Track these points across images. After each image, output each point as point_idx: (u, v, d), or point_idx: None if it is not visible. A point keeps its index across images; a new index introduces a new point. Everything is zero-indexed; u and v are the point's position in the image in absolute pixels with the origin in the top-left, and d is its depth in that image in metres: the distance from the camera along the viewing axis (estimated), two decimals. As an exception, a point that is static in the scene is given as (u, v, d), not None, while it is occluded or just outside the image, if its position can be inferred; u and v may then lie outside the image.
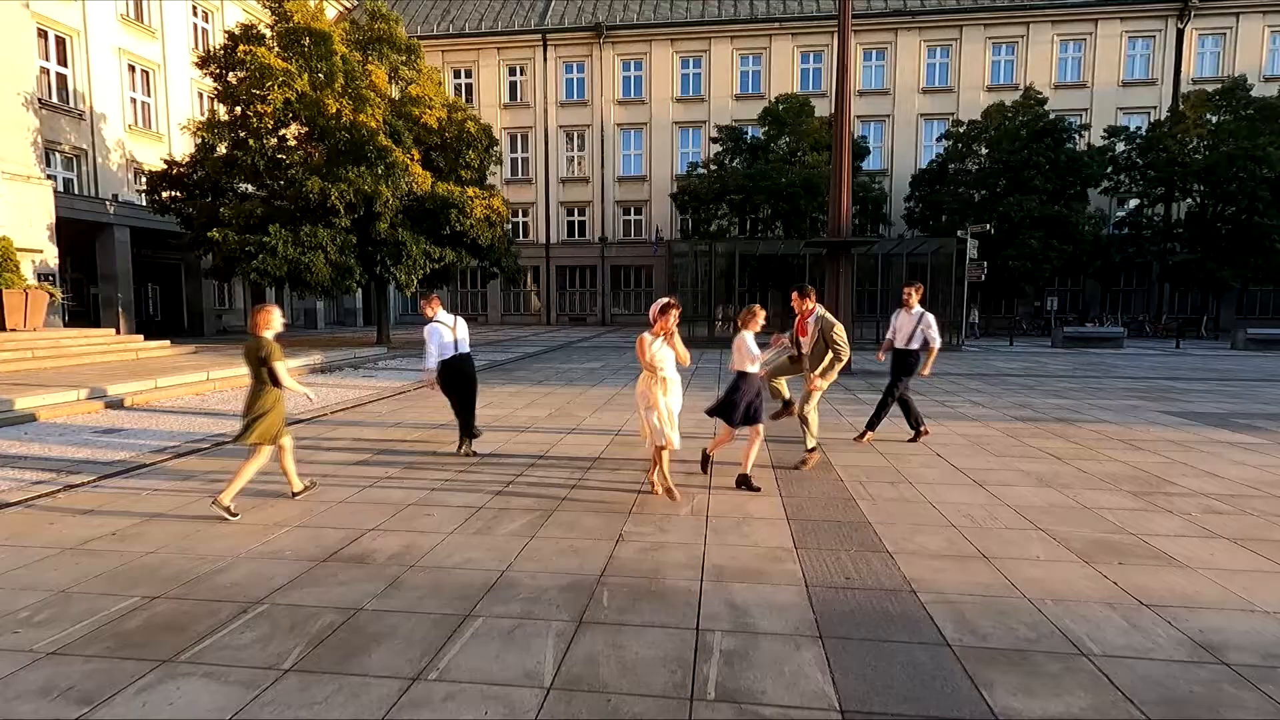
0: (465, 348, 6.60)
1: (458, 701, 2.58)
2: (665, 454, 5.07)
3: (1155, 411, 9.41)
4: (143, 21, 23.33)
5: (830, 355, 5.92)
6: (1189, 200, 27.55)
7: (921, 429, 7.24)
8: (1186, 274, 27.13)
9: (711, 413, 5.54)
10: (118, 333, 16.54)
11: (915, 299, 6.93)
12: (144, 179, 20.08)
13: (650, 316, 5.01)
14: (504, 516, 4.79)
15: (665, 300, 5.01)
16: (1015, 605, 3.40)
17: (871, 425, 7.26)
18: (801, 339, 6.23)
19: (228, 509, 4.67)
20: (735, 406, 5.30)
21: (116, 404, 9.57)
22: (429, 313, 6.49)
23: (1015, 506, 5.04)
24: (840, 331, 5.91)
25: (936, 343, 6.86)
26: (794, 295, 6.23)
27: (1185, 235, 27.41)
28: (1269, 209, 24.65)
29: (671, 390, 4.99)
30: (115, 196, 21.42)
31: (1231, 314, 28.98)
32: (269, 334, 4.87)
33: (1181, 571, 3.85)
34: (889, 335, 7.25)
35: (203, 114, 25.64)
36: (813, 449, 6.16)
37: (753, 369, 5.36)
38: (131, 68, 23.14)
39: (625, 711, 2.52)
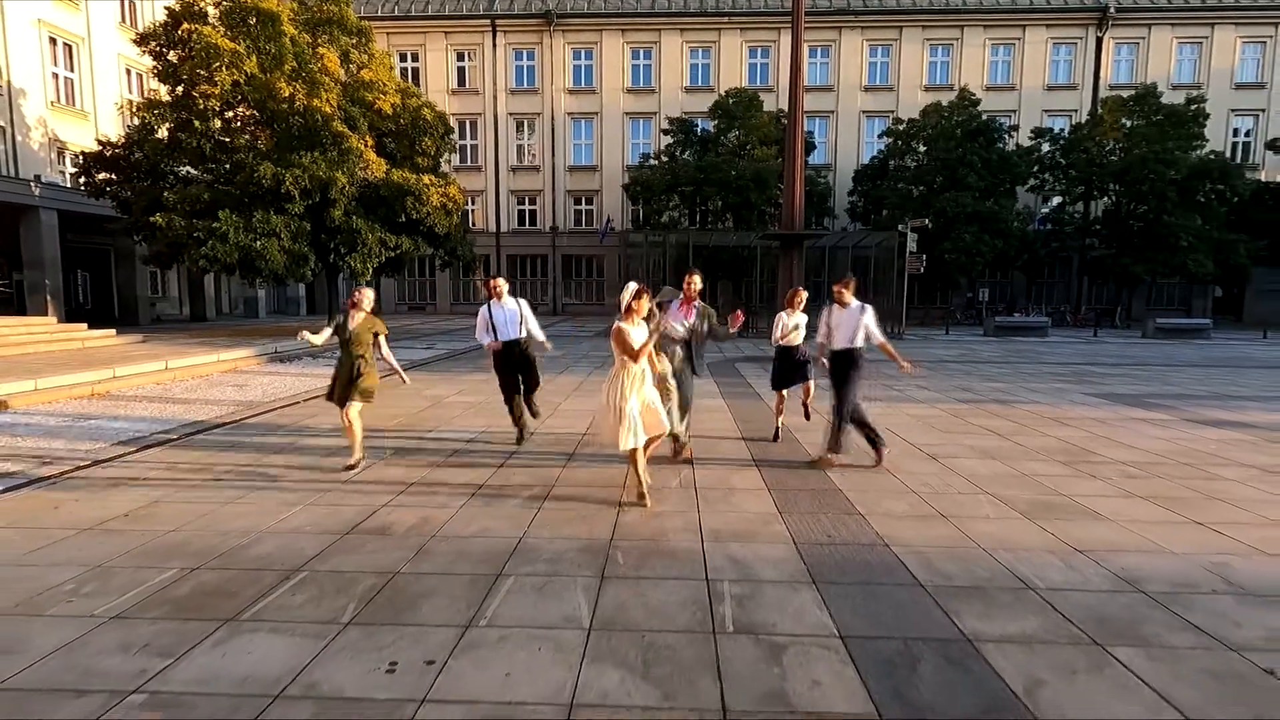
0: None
1: (511, 642, 2.93)
2: (643, 452, 4.75)
3: (1080, 393, 10.37)
4: (66, -8, 22.05)
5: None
6: (1106, 199, 29.56)
7: (880, 447, 6.03)
8: (1103, 268, 29.24)
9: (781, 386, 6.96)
10: (57, 321, 15.82)
11: (849, 293, 5.96)
12: (69, 159, 19.08)
13: (623, 304, 4.73)
14: (507, 492, 5.10)
15: (637, 285, 4.79)
16: (973, 553, 3.96)
17: (834, 447, 5.96)
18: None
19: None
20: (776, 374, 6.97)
21: (80, 394, 9.33)
22: (498, 294, 6.47)
23: (965, 475, 5.67)
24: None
25: (878, 338, 5.93)
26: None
27: (1103, 232, 29.44)
28: (1176, 209, 26.74)
29: (648, 380, 4.78)
30: (38, 177, 20.27)
31: (1143, 305, 31.32)
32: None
33: (1106, 524, 4.50)
34: (820, 338, 6.18)
35: (131, 91, 24.51)
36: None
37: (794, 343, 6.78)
38: (53, 40, 21.87)
39: (661, 644, 2.92)
